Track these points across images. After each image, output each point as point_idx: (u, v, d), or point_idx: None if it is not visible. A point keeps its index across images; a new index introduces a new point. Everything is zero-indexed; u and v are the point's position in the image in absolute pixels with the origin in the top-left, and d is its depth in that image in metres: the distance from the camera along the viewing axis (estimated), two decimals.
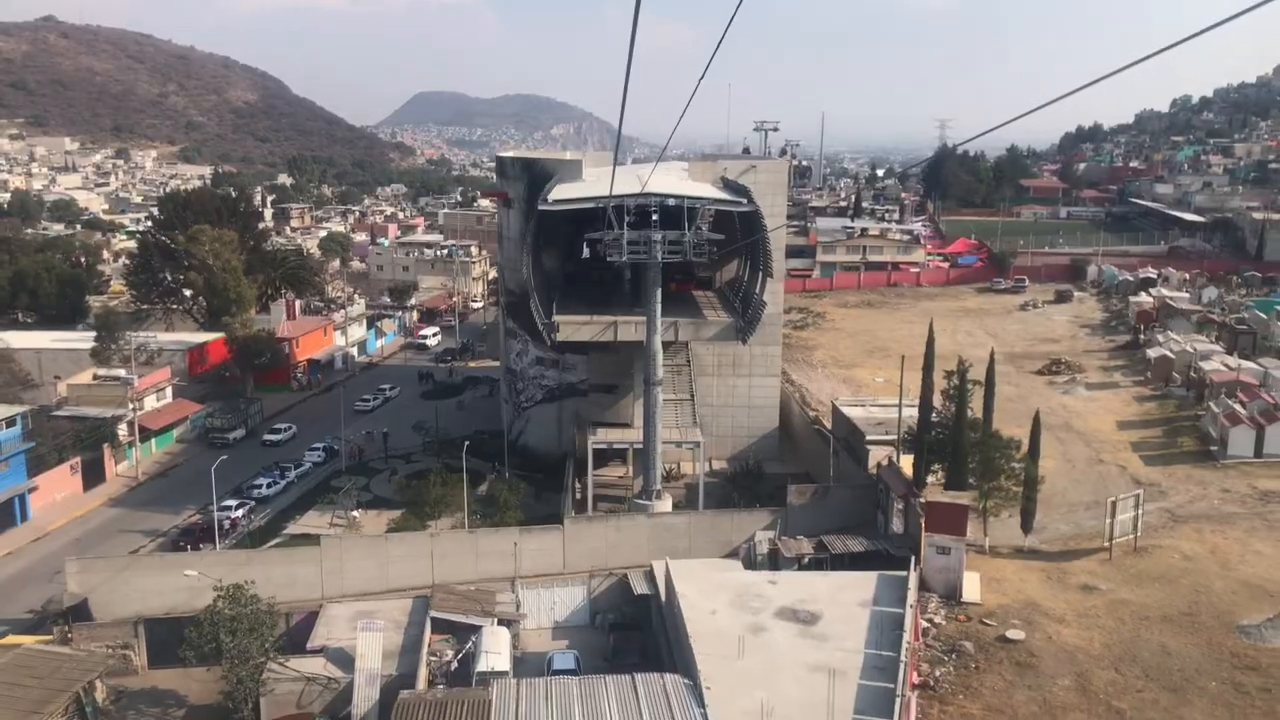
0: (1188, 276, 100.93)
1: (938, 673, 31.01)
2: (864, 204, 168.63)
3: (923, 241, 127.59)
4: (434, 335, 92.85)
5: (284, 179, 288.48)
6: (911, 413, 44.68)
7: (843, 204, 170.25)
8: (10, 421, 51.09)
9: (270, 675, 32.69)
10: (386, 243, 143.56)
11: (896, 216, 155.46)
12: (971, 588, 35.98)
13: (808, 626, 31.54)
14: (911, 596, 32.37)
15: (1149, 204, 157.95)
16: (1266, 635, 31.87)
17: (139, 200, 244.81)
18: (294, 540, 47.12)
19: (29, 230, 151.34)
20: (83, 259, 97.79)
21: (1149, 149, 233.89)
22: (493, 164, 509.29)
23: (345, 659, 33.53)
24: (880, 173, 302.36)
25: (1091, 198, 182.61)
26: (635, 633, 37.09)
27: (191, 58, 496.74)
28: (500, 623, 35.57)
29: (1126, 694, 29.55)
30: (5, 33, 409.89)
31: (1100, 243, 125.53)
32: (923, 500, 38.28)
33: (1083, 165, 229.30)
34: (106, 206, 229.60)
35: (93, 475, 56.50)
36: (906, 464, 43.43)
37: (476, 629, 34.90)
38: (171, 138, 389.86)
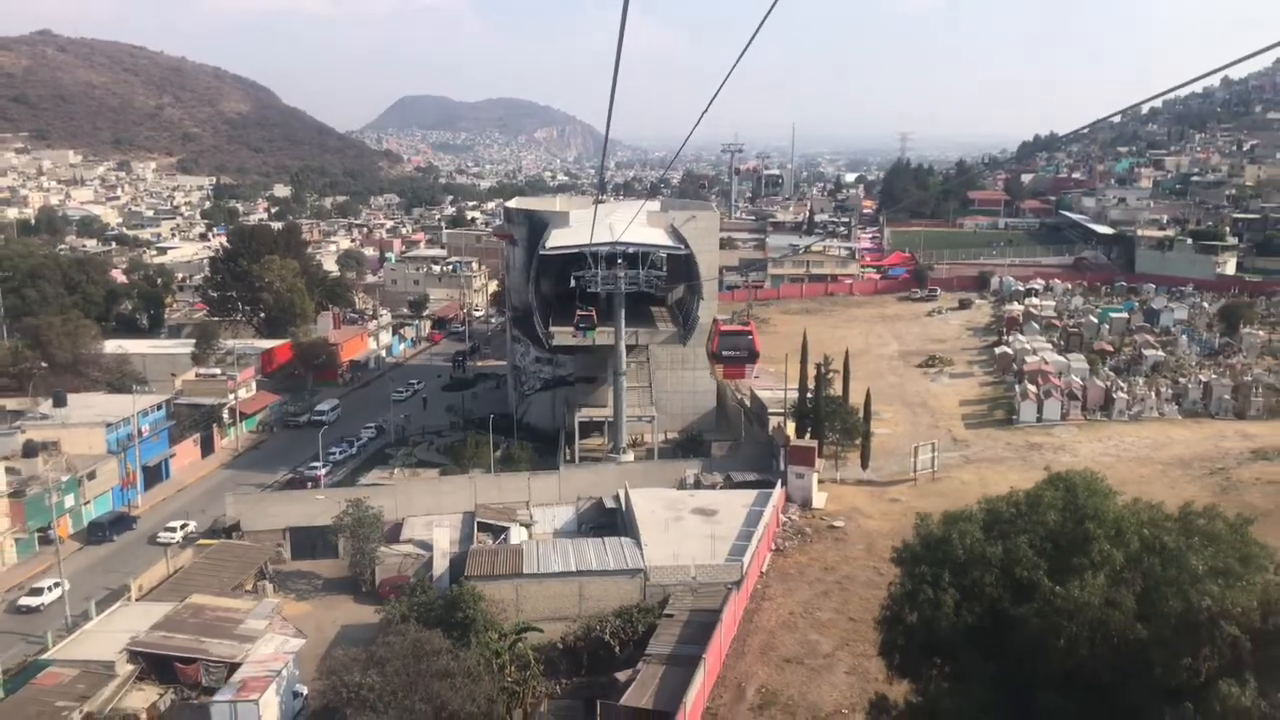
0: (1070, 286, 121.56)
1: (786, 544, 51.61)
2: (823, 217, 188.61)
3: (859, 255, 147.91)
4: (332, 409, 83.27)
5: (280, 189, 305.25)
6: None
7: (799, 219, 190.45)
8: (159, 406, 71.10)
9: (380, 554, 52.92)
10: (393, 257, 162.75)
11: (845, 231, 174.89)
12: (819, 500, 56.60)
13: (709, 517, 52.18)
14: (774, 501, 52.98)
15: (1075, 216, 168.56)
16: None
17: (151, 214, 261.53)
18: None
19: (62, 247, 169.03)
20: (158, 279, 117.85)
21: (1094, 160, 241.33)
22: (478, 169, 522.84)
23: (425, 545, 53.68)
24: (851, 178, 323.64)
25: (1032, 209, 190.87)
26: (605, 531, 57.38)
27: (184, 69, 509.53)
28: (521, 525, 55.92)
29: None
30: (5, 47, 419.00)
31: (1028, 254, 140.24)
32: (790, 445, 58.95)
33: (1029, 176, 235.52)
34: (121, 220, 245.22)
35: (206, 447, 76.41)
36: (792, 427, 64.04)
37: (506, 529, 55.20)
38: (169, 149, 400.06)
